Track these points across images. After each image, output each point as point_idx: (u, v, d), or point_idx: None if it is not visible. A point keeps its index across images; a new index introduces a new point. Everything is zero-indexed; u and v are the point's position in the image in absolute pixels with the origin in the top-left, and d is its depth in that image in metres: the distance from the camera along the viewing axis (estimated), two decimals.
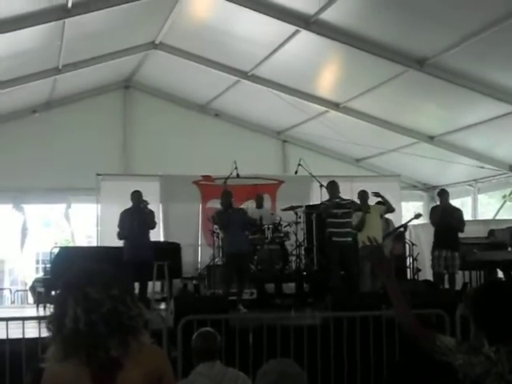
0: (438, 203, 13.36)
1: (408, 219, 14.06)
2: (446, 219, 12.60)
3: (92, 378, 2.88)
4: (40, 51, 13.81)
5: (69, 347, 2.88)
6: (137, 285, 11.61)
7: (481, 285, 3.89)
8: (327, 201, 12.57)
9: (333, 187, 12.51)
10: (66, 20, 12.18)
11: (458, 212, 13.12)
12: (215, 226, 13.47)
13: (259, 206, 14.35)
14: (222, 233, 12.85)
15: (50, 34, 12.94)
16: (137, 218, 12.12)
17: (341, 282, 12.12)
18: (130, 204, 12.41)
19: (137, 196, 12.35)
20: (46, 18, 11.86)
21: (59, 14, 11.89)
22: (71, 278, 3.00)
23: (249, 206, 14.58)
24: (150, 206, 12.51)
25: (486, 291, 3.43)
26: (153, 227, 12.55)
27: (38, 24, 11.96)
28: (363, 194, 12.69)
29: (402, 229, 14.23)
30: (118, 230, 12.21)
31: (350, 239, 12.22)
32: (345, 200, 12.50)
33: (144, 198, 12.40)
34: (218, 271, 13.51)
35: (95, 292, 2.90)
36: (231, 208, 12.24)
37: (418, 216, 13.55)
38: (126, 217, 12.22)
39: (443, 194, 13.11)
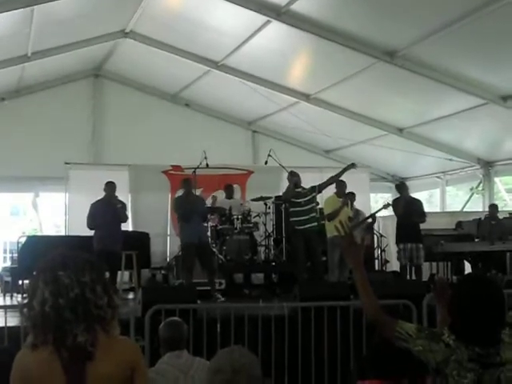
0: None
1: (377, 209, 14.14)
2: (407, 212, 12.68)
3: (63, 367, 2.87)
4: (8, 38, 13.61)
5: (38, 332, 2.88)
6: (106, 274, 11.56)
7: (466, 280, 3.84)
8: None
9: (294, 176, 12.28)
10: (35, 7, 12.02)
11: (418, 203, 13.21)
12: None
13: (229, 196, 14.35)
14: (180, 221, 12.35)
15: (19, 21, 12.75)
16: (110, 210, 12.08)
17: (307, 272, 12.09)
18: (98, 193, 12.35)
19: (111, 187, 12.29)
20: (14, 4, 11.65)
21: (28, 0, 11.74)
22: (46, 261, 2.99)
23: (218, 195, 14.53)
24: (119, 197, 12.50)
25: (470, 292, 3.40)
26: (124, 221, 12.55)
27: (6, 11, 11.76)
28: (341, 184, 12.55)
29: (370, 219, 14.27)
30: (86, 220, 12.10)
31: (314, 224, 12.05)
32: (305, 189, 12.36)
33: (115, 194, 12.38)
34: None
35: (66, 276, 2.90)
36: (191, 196, 12.15)
37: (386, 206, 13.60)
38: (97, 207, 12.16)
39: (403, 187, 13.19)
